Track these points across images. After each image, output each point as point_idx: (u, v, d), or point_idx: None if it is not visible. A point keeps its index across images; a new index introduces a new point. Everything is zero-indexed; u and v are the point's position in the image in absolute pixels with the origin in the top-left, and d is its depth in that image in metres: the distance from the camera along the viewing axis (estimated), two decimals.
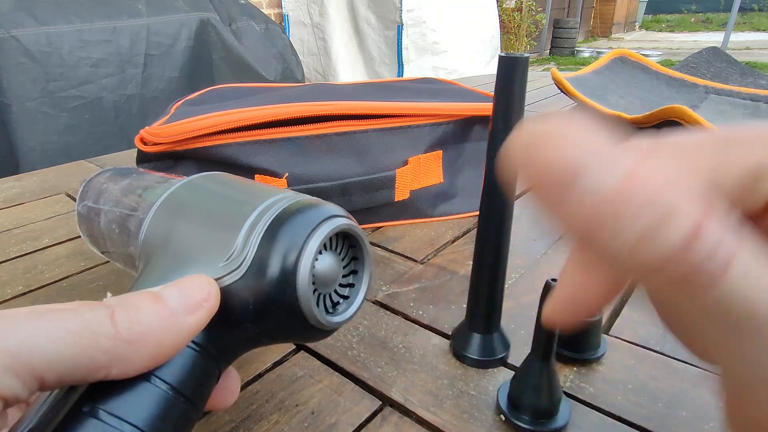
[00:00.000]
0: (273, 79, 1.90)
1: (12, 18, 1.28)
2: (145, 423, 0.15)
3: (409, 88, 0.55)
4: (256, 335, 0.19)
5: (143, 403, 0.16)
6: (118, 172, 0.28)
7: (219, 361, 0.19)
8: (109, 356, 0.15)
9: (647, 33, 11.71)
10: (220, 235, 0.19)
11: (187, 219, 0.21)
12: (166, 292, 0.17)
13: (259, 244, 0.18)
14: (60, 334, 0.14)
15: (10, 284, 0.38)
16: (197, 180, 0.23)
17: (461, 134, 0.47)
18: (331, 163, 0.42)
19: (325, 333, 0.20)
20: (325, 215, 0.19)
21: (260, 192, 0.20)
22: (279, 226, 0.18)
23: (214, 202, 0.21)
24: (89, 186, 0.29)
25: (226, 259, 0.18)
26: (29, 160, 1.31)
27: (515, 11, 5.40)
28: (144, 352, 0.16)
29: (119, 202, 0.25)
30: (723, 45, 5.50)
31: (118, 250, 0.25)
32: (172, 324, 0.16)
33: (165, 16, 1.57)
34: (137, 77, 1.50)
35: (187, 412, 0.17)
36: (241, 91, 0.53)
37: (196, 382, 0.17)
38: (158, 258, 0.20)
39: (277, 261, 0.18)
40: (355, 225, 0.20)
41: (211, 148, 0.40)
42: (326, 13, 2.74)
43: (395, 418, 0.26)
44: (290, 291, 0.18)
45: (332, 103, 0.41)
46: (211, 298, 0.18)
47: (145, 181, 0.25)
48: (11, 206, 0.53)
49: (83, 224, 0.28)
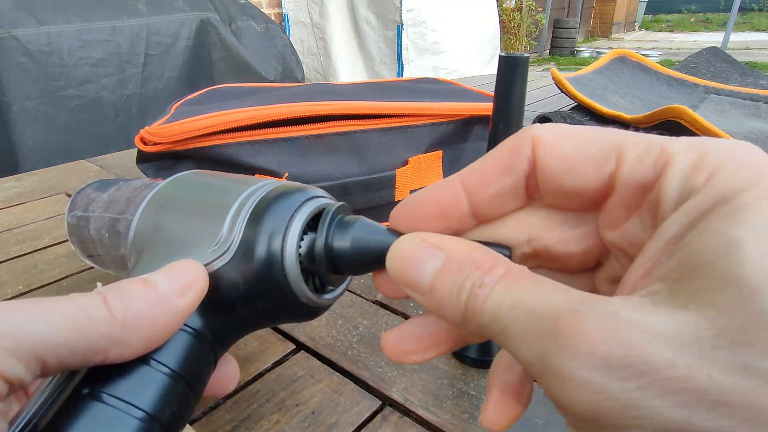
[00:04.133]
0: (273, 79, 1.90)
1: (12, 17, 1.28)
2: (146, 404, 0.16)
3: (409, 88, 0.55)
4: (249, 317, 0.20)
5: (143, 385, 0.16)
6: (104, 182, 0.29)
7: (214, 346, 0.19)
8: (106, 339, 0.15)
9: (647, 33, 11.71)
10: (206, 223, 0.20)
11: (174, 211, 0.21)
12: (156, 276, 0.18)
13: (245, 227, 0.19)
14: (58, 320, 0.15)
15: (9, 284, 0.38)
16: (182, 176, 0.23)
17: (461, 134, 0.47)
18: (331, 163, 0.42)
19: (315, 311, 0.21)
20: (307, 196, 0.20)
21: (243, 181, 0.21)
22: (263, 209, 0.19)
23: (199, 193, 0.22)
24: (77, 198, 0.30)
25: (214, 244, 0.19)
26: (29, 159, 1.31)
27: (515, 11, 5.40)
28: (139, 334, 0.16)
29: (108, 207, 0.26)
30: (723, 45, 5.50)
31: (108, 254, 0.26)
32: (164, 306, 0.17)
33: (165, 16, 1.57)
34: (137, 77, 1.50)
35: (185, 395, 0.18)
36: (241, 90, 0.53)
37: (194, 365, 0.18)
38: (149, 250, 0.21)
39: (263, 241, 0.18)
40: (338, 203, 0.20)
41: (211, 147, 0.40)
42: (326, 13, 2.74)
43: (395, 417, 0.26)
44: (278, 269, 0.18)
45: (332, 103, 0.41)
46: (200, 280, 0.18)
47: (132, 186, 0.26)
48: (11, 206, 0.52)
49: (73, 234, 0.29)
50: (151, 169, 0.42)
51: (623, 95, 0.79)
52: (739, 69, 0.92)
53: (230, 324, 0.20)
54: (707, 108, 0.73)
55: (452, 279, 0.14)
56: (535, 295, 0.12)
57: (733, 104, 0.75)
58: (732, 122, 0.66)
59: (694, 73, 0.88)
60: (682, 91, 0.82)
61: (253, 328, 0.22)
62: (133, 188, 0.25)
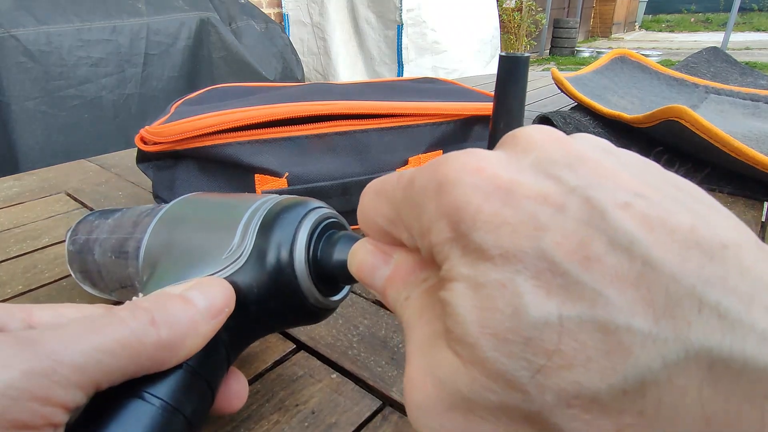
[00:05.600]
0: (273, 78, 1.90)
1: (12, 17, 1.28)
2: (175, 401, 0.18)
3: (409, 87, 0.55)
4: (260, 318, 0.21)
5: (172, 384, 0.18)
6: (105, 211, 0.31)
7: (228, 347, 0.21)
8: (152, 361, 0.17)
9: (647, 33, 11.72)
10: (218, 234, 0.22)
11: (185, 226, 0.24)
12: (193, 294, 0.19)
13: (256, 236, 0.21)
14: (114, 347, 0.16)
15: (9, 283, 0.38)
16: (187, 197, 0.26)
17: (461, 134, 0.47)
18: (331, 162, 0.42)
19: (321, 314, 0.22)
20: (311, 207, 0.22)
21: (247, 198, 0.24)
22: (272, 220, 0.21)
23: (207, 210, 0.24)
24: (79, 226, 0.31)
25: (227, 252, 0.21)
26: (28, 159, 1.31)
27: (515, 11, 5.40)
28: (179, 354, 0.18)
29: (114, 231, 0.27)
30: (723, 45, 5.50)
31: (113, 276, 0.27)
32: (200, 328, 0.18)
33: (165, 16, 1.57)
34: (137, 76, 1.50)
35: (204, 393, 0.19)
36: (241, 90, 0.53)
37: (211, 364, 0.20)
38: (164, 262, 0.23)
39: (274, 248, 0.21)
40: (337, 214, 0.23)
41: (211, 147, 0.40)
42: (326, 12, 2.74)
43: (395, 417, 0.26)
44: (289, 271, 0.20)
45: (332, 103, 0.41)
46: (231, 304, 0.20)
47: (137, 211, 0.27)
48: (11, 205, 0.52)
49: (75, 262, 0.30)
50: (151, 168, 0.42)
51: (623, 95, 0.79)
52: (739, 69, 0.92)
53: (243, 325, 0.21)
54: (707, 108, 0.73)
55: (394, 290, 0.16)
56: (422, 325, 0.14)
57: (733, 104, 0.75)
58: (732, 122, 0.66)
59: (694, 73, 0.88)
60: (682, 91, 0.82)
61: (263, 332, 0.24)
62: (138, 213, 0.27)
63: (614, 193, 0.11)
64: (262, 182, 0.40)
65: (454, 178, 0.12)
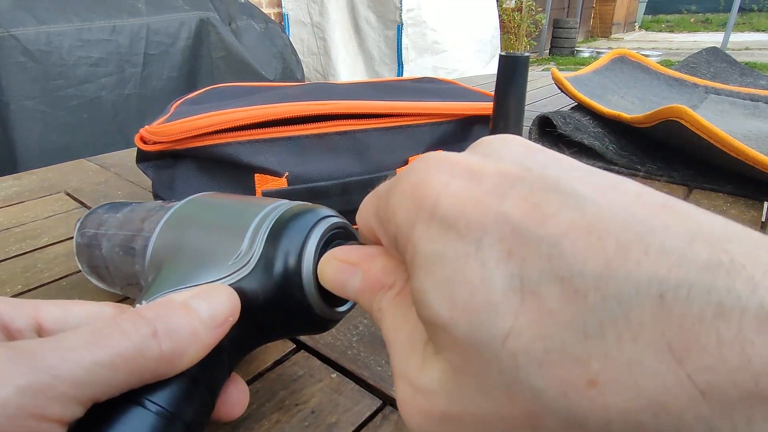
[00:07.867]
0: (273, 78, 1.90)
1: (11, 17, 1.28)
2: (175, 408, 0.17)
3: (409, 87, 0.55)
4: (264, 326, 0.21)
5: (172, 391, 0.18)
6: (115, 204, 0.30)
7: (230, 354, 0.20)
8: (153, 374, 0.17)
9: (647, 33, 11.72)
10: (227, 239, 0.21)
11: (194, 228, 0.23)
12: (196, 303, 0.18)
13: (265, 243, 0.21)
14: (116, 361, 0.16)
15: (9, 283, 0.38)
16: (197, 197, 0.25)
17: (461, 134, 0.47)
18: (331, 162, 0.42)
19: (326, 324, 0.22)
20: (321, 215, 0.22)
21: (257, 201, 0.23)
22: (282, 227, 0.21)
23: (217, 213, 0.24)
24: (88, 218, 0.30)
25: (235, 257, 0.21)
26: (28, 158, 1.31)
27: (515, 11, 5.40)
28: (178, 365, 0.17)
29: (122, 226, 0.27)
30: (723, 45, 5.50)
31: (120, 272, 0.27)
32: (202, 339, 0.18)
33: (164, 15, 1.57)
34: (136, 76, 1.50)
35: (205, 399, 0.19)
36: (240, 90, 0.53)
37: (212, 372, 0.19)
38: (171, 264, 0.22)
39: (282, 256, 0.20)
40: (347, 223, 0.23)
41: (211, 147, 0.40)
42: (326, 12, 2.74)
43: (396, 417, 0.26)
44: (296, 280, 0.20)
45: (332, 103, 0.41)
46: (236, 313, 0.19)
47: (146, 208, 0.27)
48: (10, 205, 0.52)
49: (83, 254, 0.30)
50: (150, 168, 0.42)
51: (623, 95, 0.79)
52: (738, 69, 0.92)
53: (246, 333, 0.21)
54: (707, 108, 0.73)
55: (367, 302, 0.16)
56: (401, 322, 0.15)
57: (733, 104, 0.75)
58: (732, 122, 0.66)
59: (694, 73, 0.88)
60: (682, 91, 0.82)
61: (266, 340, 0.23)
62: (147, 209, 0.27)
63: (569, 172, 0.13)
64: (262, 182, 0.40)
65: (420, 166, 0.14)
